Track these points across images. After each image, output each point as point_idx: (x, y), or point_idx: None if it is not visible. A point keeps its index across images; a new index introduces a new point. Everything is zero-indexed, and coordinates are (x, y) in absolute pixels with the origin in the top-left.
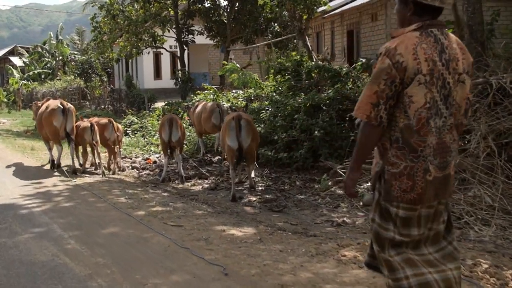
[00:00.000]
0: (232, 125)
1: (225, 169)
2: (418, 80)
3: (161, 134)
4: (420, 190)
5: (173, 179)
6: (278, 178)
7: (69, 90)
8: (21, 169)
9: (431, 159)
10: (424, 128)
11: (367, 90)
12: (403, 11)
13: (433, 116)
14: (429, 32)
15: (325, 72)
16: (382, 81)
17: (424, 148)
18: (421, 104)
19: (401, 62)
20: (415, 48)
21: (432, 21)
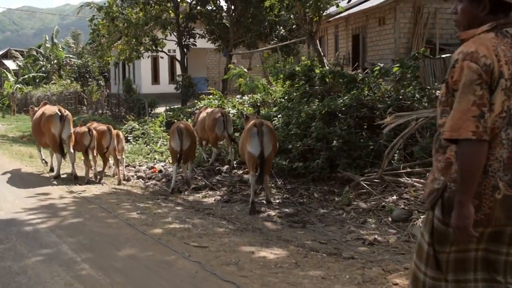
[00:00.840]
0: (254, 132)
1: (236, 179)
2: (501, 85)
3: (171, 142)
4: (487, 210)
5: (183, 190)
6: (294, 189)
7: (65, 95)
8: (21, 178)
9: (501, 175)
10: (495, 140)
11: (461, 105)
12: (474, 10)
13: (506, 127)
14: (504, 33)
15: (339, 78)
16: (477, 87)
17: (492, 163)
18: (497, 113)
19: (489, 65)
20: (495, 50)
21: (507, 19)
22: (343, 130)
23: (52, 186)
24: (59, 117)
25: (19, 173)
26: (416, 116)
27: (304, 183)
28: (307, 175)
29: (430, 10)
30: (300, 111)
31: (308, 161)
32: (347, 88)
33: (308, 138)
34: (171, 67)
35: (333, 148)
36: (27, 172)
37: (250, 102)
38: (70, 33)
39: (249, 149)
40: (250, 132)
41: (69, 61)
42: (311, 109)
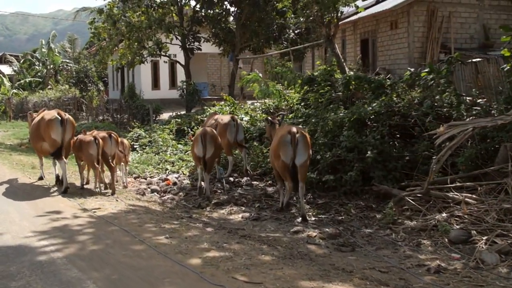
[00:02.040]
0: (288, 140)
1: (259, 193)
2: None
3: (194, 148)
4: None
5: (204, 206)
6: (327, 205)
7: (64, 100)
8: (25, 193)
9: None
10: None
11: None
12: None
13: None
14: None
15: (366, 83)
16: None
17: None
18: None
19: None
20: None
21: None
22: (376, 139)
23: (62, 203)
24: (59, 121)
25: (22, 187)
26: (472, 125)
27: (335, 197)
28: (338, 189)
29: (444, 14)
30: (326, 118)
31: (339, 173)
32: (374, 94)
33: (337, 148)
34: (171, 72)
35: (368, 159)
36: (30, 185)
37: (263, 108)
38: (66, 38)
39: (282, 158)
40: (283, 140)
41: (65, 66)
42: (339, 117)
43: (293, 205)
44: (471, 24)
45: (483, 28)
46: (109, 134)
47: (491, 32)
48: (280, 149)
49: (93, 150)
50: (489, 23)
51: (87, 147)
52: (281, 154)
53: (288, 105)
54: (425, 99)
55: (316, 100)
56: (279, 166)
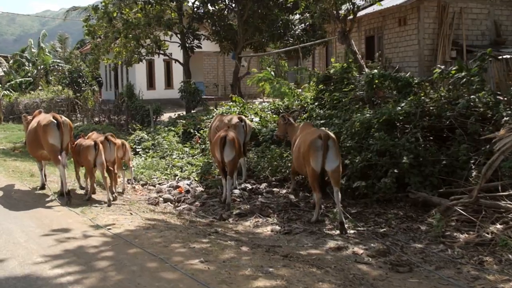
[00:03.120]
0: (319, 145)
1: (284, 201)
2: None
3: (214, 153)
4: None
5: (226, 217)
6: (361, 214)
7: (56, 101)
8: (27, 206)
9: None
10: None
11: None
12: None
13: None
14: None
15: (391, 82)
16: None
17: None
18: None
19: None
20: None
21: None
22: (411, 142)
23: (70, 219)
24: (56, 125)
25: (22, 198)
26: None
27: (367, 205)
28: (370, 196)
29: (455, 10)
30: (352, 119)
31: (370, 179)
32: (402, 94)
33: (366, 152)
34: (167, 71)
35: (404, 165)
36: (31, 195)
37: (272, 108)
38: (57, 37)
39: (312, 165)
40: (313, 145)
41: (56, 66)
42: (366, 118)
43: (325, 215)
44: (482, 20)
45: (494, 25)
46: (107, 138)
47: (502, 29)
48: (311, 155)
49: (92, 156)
50: (500, 19)
51: (85, 152)
52: (311, 160)
53: (301, 104)
54: (458, 99)
55: (332, 99)
56: (308, 173)
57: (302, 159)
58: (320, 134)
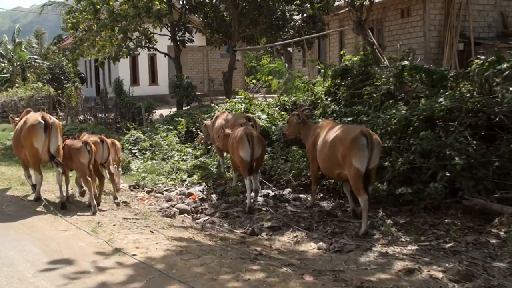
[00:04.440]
0: (364, 143)
1: (316, 210)
2: None
3: (239, 151)
4: None
5: (258, 232)
6: (412, 224)
7: (36, 99)
8: (26, 225)
9: None
10: None
11: None
12: None
13: None
14: None
15: (424, 74)
16: None
17: None
18: None
19: None
20: None
21: None
22: (460, 141)
23: (81, 241)
24: (43, 126)
25: (17, 213)
26: None
27: (415, 214)
28: (417, 203)
29: (462, 0)
30: (390, 117)
31: (414, 184)
32: (437, 88)
33: (408, 153)
34: (151, 67)
35: (456, 167)
36: (26, 209)
37: (277, 105)
38: (33, 33)
39: (356, 166)
40: (358, 144)
41: (33, 63)
42: (403, 115)
43: (373, 226)
44: (489, 12)
45: (501, 16)
46: (101, 139)
47: (509, 20)
48: (354, 155)
49: (85, 159)
50: (507, 11)
51: (77, 155)
52: (354, 160)
53: (311, 100)
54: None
55: (350, 94)
56: (351, 175)
57: (339, 159)
58: (362, 131)
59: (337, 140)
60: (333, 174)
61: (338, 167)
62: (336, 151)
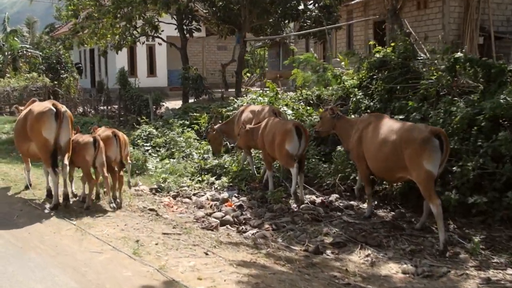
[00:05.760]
0: (436, 144)
1: (376, 220)
2: None
3: (286, 144)
4: None
5: (322, 249)
6: (493, 240)
7: (31, 90)
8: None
9: None
10: None
11: None
12: None
13: None
14: None
15: (480, 68)
16: None
17: None
18: None
19: None
20: None
21: None
22: None
23: (125, 269)
24: (54, 115)
25: (34, 227)
26: None
27: (489, 225)
28: (493, 214)
29: None
30: (453, 114)
31: (486, 192)
32: (495, 83)
33: (476, 156)
34: (150, 58)
35: None
36: (43, 220)
37: (300, 99)
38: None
39: (429, 168)
40: (429, 144)
41: (25, 52)
42: (468, 113)
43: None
44: (508, 5)
45: None
46: (114, 133)
47: None
48: (426, 156)
49: (90, 155)
50: None
51: (82, 150)
52: (425, 162)
53: (338, 94)
54: None
55: (387, 89)
56: (420, 178)
57: (402, 161)
58: (433, 130)
59: (402, 140)
60: (392, 177)
61: (400, 170)
62: (400, 153)
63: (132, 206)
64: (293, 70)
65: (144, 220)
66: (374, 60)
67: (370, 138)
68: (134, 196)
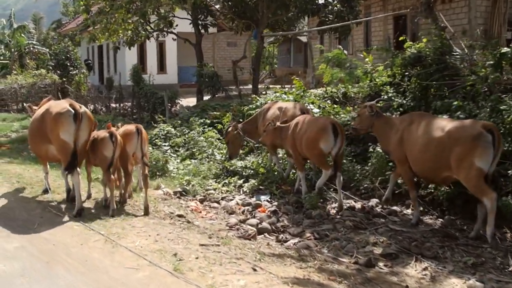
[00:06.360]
0: (489, 141)
1: (425, 229)
2: None
3: (320, 143)
4: None
5: (374, 262)
6: None
7: (40, 87)
8: (78, 258)
9: None
10: None
11: None
12: None
13: None
14: None
15: None
16: None
17: None
18: None
19: None
20: None
21: None
22: None
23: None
24: (72, 116)
25: (58, 237)
26: None
27: None
28: None
29: None
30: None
31: None
32: None
33: None
34: (160, 54)
35: None
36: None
37: (326, 97)
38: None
39: (480, 164)
40: (482, 140)
41: (32, 48)
42: None
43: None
44: None
45: None
46: (137, 128)
47: None
48: (477, 153)
49: (109, 151)
50: None
51: (101, 147)
52: (477, 159)
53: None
54: None
55: (421, 86)
56: (470, 177)
57: (449, 160)
58: (484, 125)
59: (451, 137)
60: (436, 178)
61: (447, 169)
62: (448, 151)
63: (159, 212)
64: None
65: (176, 229)
66: (409, 55)
67: (414, 138)
68: (158, 200)
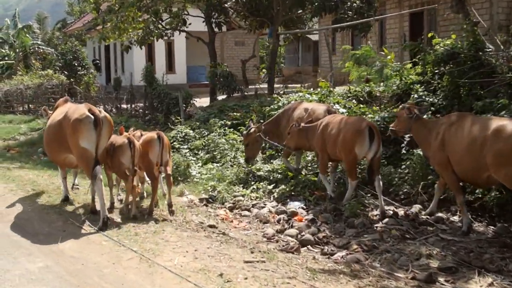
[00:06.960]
0: None
1: (477, 237)
2: None
3: (355, 148)
4: None
5: (434, 277)
6: None
7: (46, 88)
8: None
9: None
10: None
11: None
12: None
13: None
14: None
15: None
16: None
17: None
18: None
19: None
20: None
21: None
22: None
23: None
24: (92, 122)
25: (86, 255)
26: None
27: None
28: None
29: None
30: None
31: None
32: None
33: None
34: (168, 54)
35: None
36: (96, 248)
37: (350, 96)
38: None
39: None
40: None
41: (37, 49)
42: None
43: None
44: None
45: None
46: (159, 134)
47: None
48: None
49: (126, 159)
50: None
51: (118, 153)
52: None
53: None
54: None
55: (455, 84)
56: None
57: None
58: None
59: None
60: (479, 179)
61: (487, 169)
62: (489, 149)
63: (189, 223)
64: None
65: (213, 243)
66: (442, 52)
67: (456, 139)
68: (184, 208)
